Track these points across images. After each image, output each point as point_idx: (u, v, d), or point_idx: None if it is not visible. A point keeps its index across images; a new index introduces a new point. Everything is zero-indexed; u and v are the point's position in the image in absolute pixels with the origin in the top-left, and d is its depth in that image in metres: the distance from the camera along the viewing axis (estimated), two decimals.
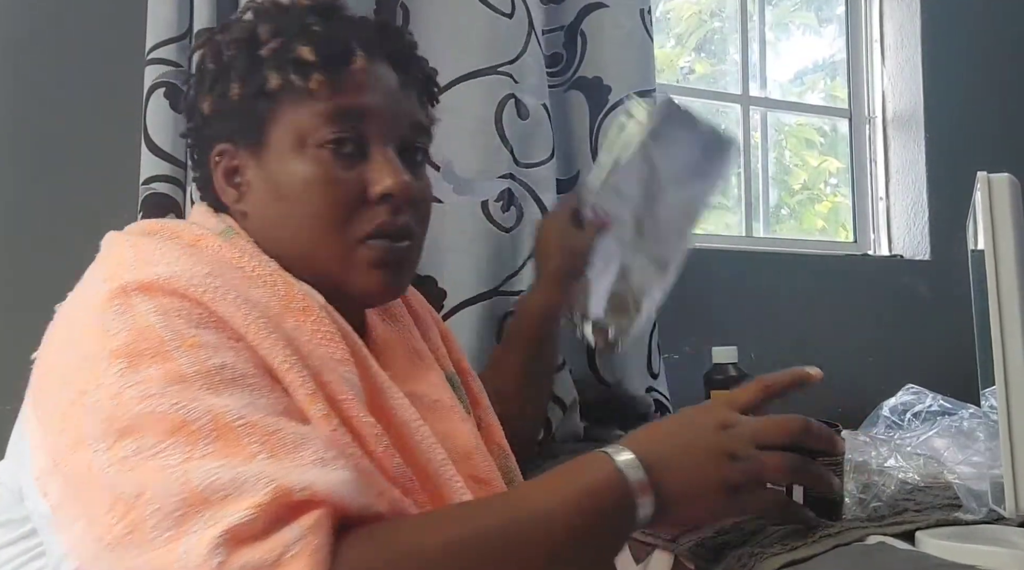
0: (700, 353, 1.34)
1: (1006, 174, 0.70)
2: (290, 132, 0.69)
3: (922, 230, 1.91)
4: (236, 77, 0.70)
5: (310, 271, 0.69)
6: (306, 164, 0.68)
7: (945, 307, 1.82)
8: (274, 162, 0.69)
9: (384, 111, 0.71)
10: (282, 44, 0.69)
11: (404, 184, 0.69)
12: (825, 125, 2.04)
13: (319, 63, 0.68)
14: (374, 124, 0.70)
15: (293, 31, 0.69)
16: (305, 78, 0.67)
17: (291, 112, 0.69)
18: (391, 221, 0.70)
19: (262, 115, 0.69)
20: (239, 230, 0.70)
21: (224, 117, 0.71)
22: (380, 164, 0.70)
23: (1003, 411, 0.67)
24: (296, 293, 0.65)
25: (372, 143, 0.70)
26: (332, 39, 0.69)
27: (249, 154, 0.71)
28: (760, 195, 1.90)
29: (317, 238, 0.69)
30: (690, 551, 0.73)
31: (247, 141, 0.70)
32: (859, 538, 0.71)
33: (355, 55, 0.69)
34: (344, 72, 0.69)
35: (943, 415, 1.15)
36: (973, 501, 0.79)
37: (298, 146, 0.68)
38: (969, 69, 1.97)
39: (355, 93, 0.69)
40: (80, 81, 1.19)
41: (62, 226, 1.16)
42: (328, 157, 0.68)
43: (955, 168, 1.89)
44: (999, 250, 0.67)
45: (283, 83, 0.68)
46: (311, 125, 0.68)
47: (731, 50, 1.91)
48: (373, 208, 0.69)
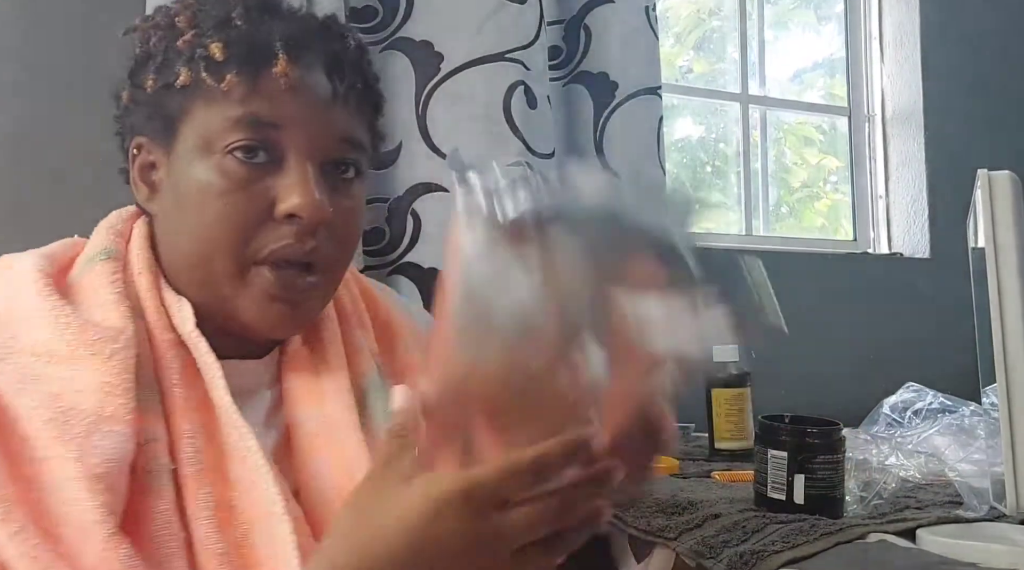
0: None
1: (1006, 171, 0.70)
2: (198, 133, 0.63)
3: (922, 228, 1.91)
4: (153, 68, 0.64)
5: (199, 288, 0.64)
6: (209, 170, 0.62)
7: (945, 305, 1.82)
8: (179, 164, 0.64)
9: (306, 122, 0.63)
10: (196, 37, 0.63)
11: (315, 204, 0.61)
12: (824, 123, 2.04)
13: (233, 62, 0.62)
14: (293, 135, 0.63)
15: (211, 24, 0.63)
16: (217, 78, 0.61)
17: (202, 112, 0.63)
18: (296, 245, 0.62)
19: (174, 111, 0.64)
20: (116, 252, 0.65)
21: (140, 109, 0.67)
22: (292, 179, 0.62)
23: (1004, 408, 0.67)
24: (92, 334, 0.57)
25: (289, 154, 0.63)
26: (252, 37, 0.63)
27: (162, 151, 0.66)
28: (760, 193, 1.90)
29: (209, 252, 0.62)
30: (691, 549, 0.73)
31: (160, 137, 0.65)
32: (860, 536, 0.71)
33: (276, 57, 0.62)
34: (262, 75, 0.62)
35: (944, 413, 1.14)
36: (974, 498, 0.79)
37: (204, 149, 0.62)
38: (968, 66, 1.97)
39: (272, 100, 0.62)
40: (79, 81, 1.19)
41: (61, 227, 1.15)
42: (233, 165, 0.62)
43: (955, 165, 1.89)
44: (999, 247, 0.67)
45: (194, 80, 0.62)
46: (219, 129, 0.62)
47: (730, 48, 1.91)
48: (278, 228, 0.62)
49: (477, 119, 1.17)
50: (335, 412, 0.65)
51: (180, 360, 0.61)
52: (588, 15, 1.37)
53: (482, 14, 1.19)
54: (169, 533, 0.55)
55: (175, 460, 0.58)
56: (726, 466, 1.06)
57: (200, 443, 0.59)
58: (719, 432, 1.16)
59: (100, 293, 0.62)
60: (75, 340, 0.57)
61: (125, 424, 0.55)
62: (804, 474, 0.78)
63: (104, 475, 0.53)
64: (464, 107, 1.16)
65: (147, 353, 0.60)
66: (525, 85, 1.20)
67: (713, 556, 0.71)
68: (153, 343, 0.61)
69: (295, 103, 0.63)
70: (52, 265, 0.64)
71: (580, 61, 1.37)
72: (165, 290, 0.65)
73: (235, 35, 0.63)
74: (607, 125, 1.35)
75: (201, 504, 0.56)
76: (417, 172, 1.17)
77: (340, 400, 0.66)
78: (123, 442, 0.54)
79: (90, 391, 0.55)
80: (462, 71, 1.17)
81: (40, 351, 0.57)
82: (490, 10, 1.19)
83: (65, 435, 0.53)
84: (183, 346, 0.62)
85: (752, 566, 0.67)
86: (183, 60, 0.63)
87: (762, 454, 0.81)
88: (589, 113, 1.36)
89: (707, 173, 1.96)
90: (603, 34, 1.36)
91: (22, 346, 0.58)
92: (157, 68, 0.64)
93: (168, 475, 0.57)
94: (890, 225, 1.96)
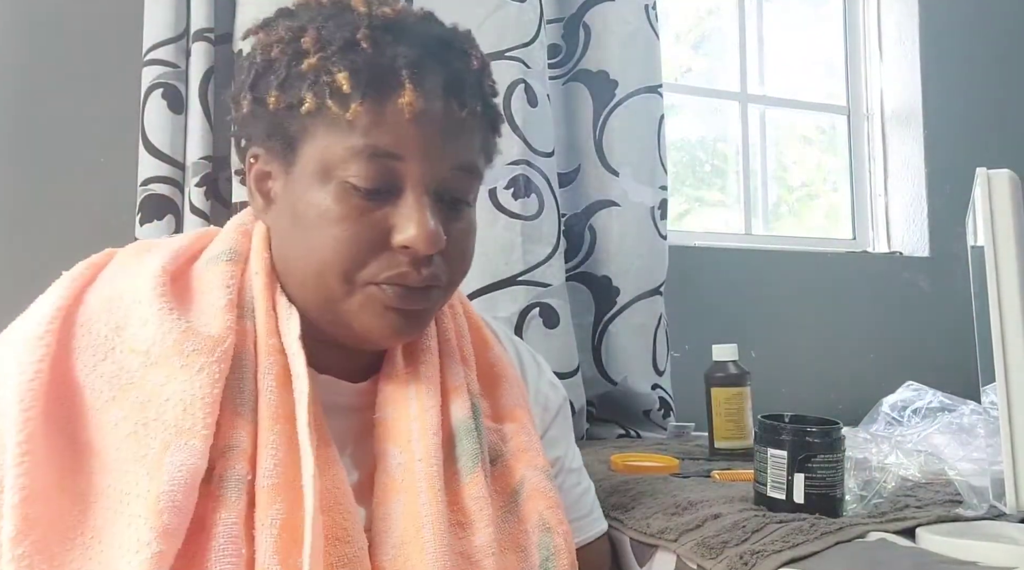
0: (700, 351, 1.34)
1: (1005, 170, 0.70)
2: (319, 158, 0.63)
3: (921, 226, 1.91)
4: (276, 84, 0.64)
5: (315, 304, 0.65)
6: (327, 196, 0.62)
7: (944, 303, 1.83)
8: (299, 184, 0.64)
9: (428, 152, 0.63)
10: (322, 62, 0.62)
11: (430, 237, 0.62)
12: (824, 122, 2.04)
13: (358, 92, 0.61)
14: (413, 165, 0.62)
15: (337, 47, 0.62)
16: (343, 107, 0.61)
17: (324, 137, 0.62)
18: (412, 273, 0.63)
19: (294, 133, 0.64)
20: (239, 253, 0.66)
21: (259, 122, 0.66)
22: (410, 210, 0.62)
23: (1003, 407, 0.67)
24: (189, 345, 0.58)
25: (408, 185, 0.63)
26: (378, 64, 0.62)
27: (280, 166, 0.66)
28: (759, 192, 1.90)
29: (325, 275, 0.63)
30: (692, 550, 0.73)
31: (279, 154, 0.65)
32: (860, 535, 0.71)
33: (403, 87, 0.61)
34: (389, 103, 0.61)
35: (943, 411, 1.14)
36: (974, 497, 0.79)
37: (323, 175, 0.62)
38: (967, 65, 1.97)
39: (398, 131, 0.61)
40: (78, 82, 1.19)
41: (61, 227, 1.15)
42: (352, 193, 0.62)
43: (954, 164, 1.89)
44: (999, 246, 0.67)
45: (319, 107, 0.62)
46: (341, 158, 0.62)
47: (729, 47, 1.91)
48: (395, 256, 0.63)
49: None
50: (418, 455, 0.64)
51: (279, 367, 0.62)
52: (588, 13, 1.37)
53: (482, 12, 1.19)
54: (233, 549, 0.54)
55: (253, 471, 0.57)
56: (726, 465, 1.06)
57: (280, 456, 0.58)
58: (719, 431, 1.16)
59: (213, 295, 0.63)
60: (173, 348, 0.58)
61: (202, 439, 0.55)
62: (804, 473, 0.78)
63: (170, 493, 0.53)
64: None
65: (251, 355, 0.62)
66: (526, 83, 1.20)
67: (713, 557, 0.71)
68: (258, 346, 0.62)
69: (417, 134, 0.62)
70: (176, 261, 0.65)
71: (580, 59, 1.38)
72: (279, 295, 0.65)
73: (361, 61, 0.62)
74: (607, 123, 1.35)
75: (268, 521, 0.55)
76: None
77: (425, 443, 0.65)
78: (197, 457, 0.55)
79: (175, 401, 0.56)
80: None
81: (140, 348, 0.58)
82: (490, 8, 1.19)
83: (141, 451, 0.54)
84: (284, 354, 0.63)
85: (752, 566, 0.67)
86: (308, 85, 0.62)
87: (762, 453, 0.81)
88: (589, 111, 1.36)
89: (706, 172, 1.96)
90: (603, 32, 1.36)
91: (124, 339, 0.59)
92: (280, 85, 0.63)
93: (243, 486, 0.56)
94: (889, 224, 1.96)
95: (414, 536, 0.60)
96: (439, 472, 0.64)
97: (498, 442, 0.71)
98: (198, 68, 1.12)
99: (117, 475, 0.54)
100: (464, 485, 0.65)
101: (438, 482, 0.63)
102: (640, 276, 1.36)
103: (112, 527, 0.52)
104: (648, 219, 1.38)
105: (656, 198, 1.39)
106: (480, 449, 0.67)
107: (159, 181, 1.10)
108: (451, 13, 1.21)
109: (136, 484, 0.53)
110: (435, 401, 0.67)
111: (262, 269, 0.66)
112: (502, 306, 1.18)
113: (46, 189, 1.17)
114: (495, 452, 0.70)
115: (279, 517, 0.56)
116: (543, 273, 1.21)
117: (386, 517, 0.63)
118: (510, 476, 0.70)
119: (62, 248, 0.73)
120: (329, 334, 0.66)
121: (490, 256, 1.18)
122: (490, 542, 0.63)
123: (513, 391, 0.75)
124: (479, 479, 0.66)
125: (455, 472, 0.66)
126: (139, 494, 0.53)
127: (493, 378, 0.75)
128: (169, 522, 0.52)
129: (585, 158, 1.37)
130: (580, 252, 1.37)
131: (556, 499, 0.70)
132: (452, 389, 0.69)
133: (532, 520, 0.68)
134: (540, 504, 0.68)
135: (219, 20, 1.15)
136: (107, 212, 1.16)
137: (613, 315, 1.36)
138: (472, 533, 0.64)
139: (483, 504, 0.65)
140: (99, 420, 0.56)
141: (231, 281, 0.64)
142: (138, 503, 0.52)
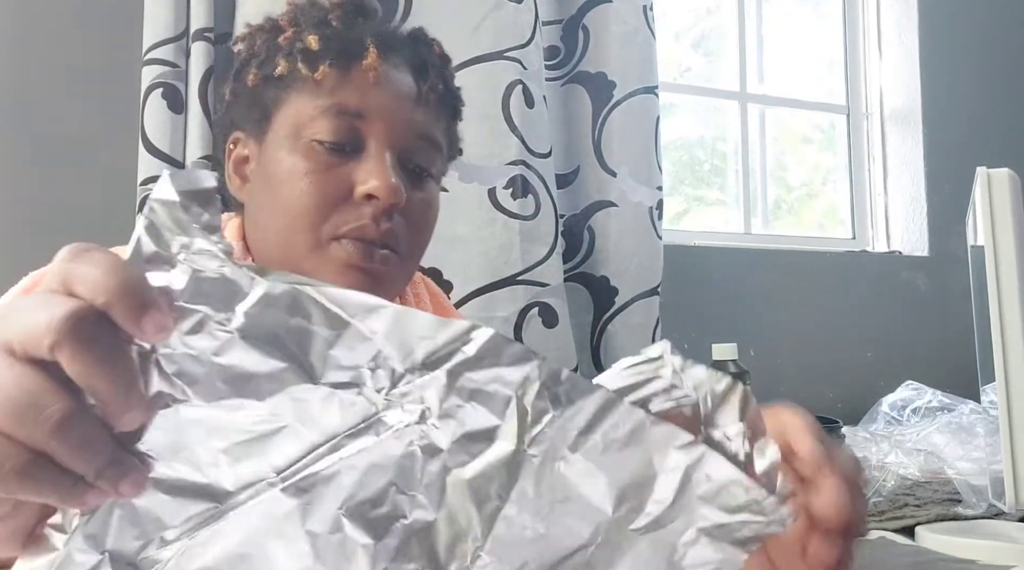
0: (700, 350, 1.34)
1: (1005, 169, 0.70)
2: (290, 121, 0.68)
3: (921, 226, 1.91)
4: (256, 64, 0.70)
5: (281, 265, 0.68)
6: (296, 155, 0.67)
7: (944, 303, 1.83)
8: (270, 150, 0.69)
9: (389, 115, 0.68)
10: (295, 34, 0.69)
11: (391, 188, 0.65)
12: (823, 121, 2.04)
13: (327, 54, 0.67)
14: (375, 125, 0.67)
15: (310, 22, 0.69)
16: (312, 68, 0.66)
17: (295, 100, 0.68)
18: (372, 225, 0.66)
19: (269, 101, 0.69)
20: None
21: (239, 103, 0.72)
22: (372, 164, 0.67)
23: (1003, 406, 0.67)
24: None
25: (371, 143, 0.68)
26: (347, 35, 0.68)
27: (255, 142, 0.71)
28: (759, 192, 1.91)
29: (291, 231, 0.67)
30: None
31: (255, 128, 0.70)
32: None
33: (367, 51, 0.67)
34: (352, 68, 0.67)
35: (943, 411, 1.15)
36: (973, 496, 0.79)
37: (293, 136, 0.67)
38: (967, 63, 1.97)
39: (362, 91, 0.67)
40: (78, 82, 1.19)
41: (61, 227, 1.15)
42: (319, 150, 0.67)
43: (954, 163, 1.89)
44: (999, 245, 0.67)
45: (290, 70, 0.67)
46: (309, 117, 0.67)
47: (728, 46, 1.91)
48: (357, 208, 0.66)
49: (476, 118, 1.17)
50: None
51: None
52: (586, 15, 1.37)
53: (480, 13, 1.19)
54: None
55: None
56: None
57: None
58: None
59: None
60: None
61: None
62: None
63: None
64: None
65: None
66: (523, 84, 1.20)
67: None
68: None
69: (380, 96, 0.68)
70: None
71: (579, 61, 1.38)
72: None
73: (331, 32, 0.68)
74: (605, 124, 1.36)
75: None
76: None
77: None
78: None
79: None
80: (460, 70, 1.17)
81: None
82: (488, 9, 1.19)
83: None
84: None
85: None
86: (282, 55, 0.68)
87: None
88: (588, 112, 1.37)
89: (705, 171, 1.96)
90: (601, 34, 1.36)
91: None
92: (260, 64, 0.70)
93: None
94: (889, 223, 1.96)
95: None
96: None
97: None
98: (198, 68, 1.12)
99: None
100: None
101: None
102: (638, 276, 1.37)
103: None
104: (646, 219, 1.38)
105: (654, 198, 1.39)
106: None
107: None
108: (449, 13, 1.22)
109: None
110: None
111: (236, 253, 0.69)
112: (502, 305, 1.18)
113: (46, 188, 1.17)
114: None
115: None
116: (542, 273, 1.21)
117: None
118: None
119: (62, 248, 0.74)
120: None
121: (489, 256, 1.18)
122: None
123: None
124: None
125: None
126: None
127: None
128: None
129: (584, 159, 1.37)
130: (579, 252, 1.37)
131: None
132: None
133: None
134: None
135: (219, 20, 1.15)
136: (107, 212, 1.16)
137: (612, 315, 1.36)
138: None
139: None
140: None
141: None
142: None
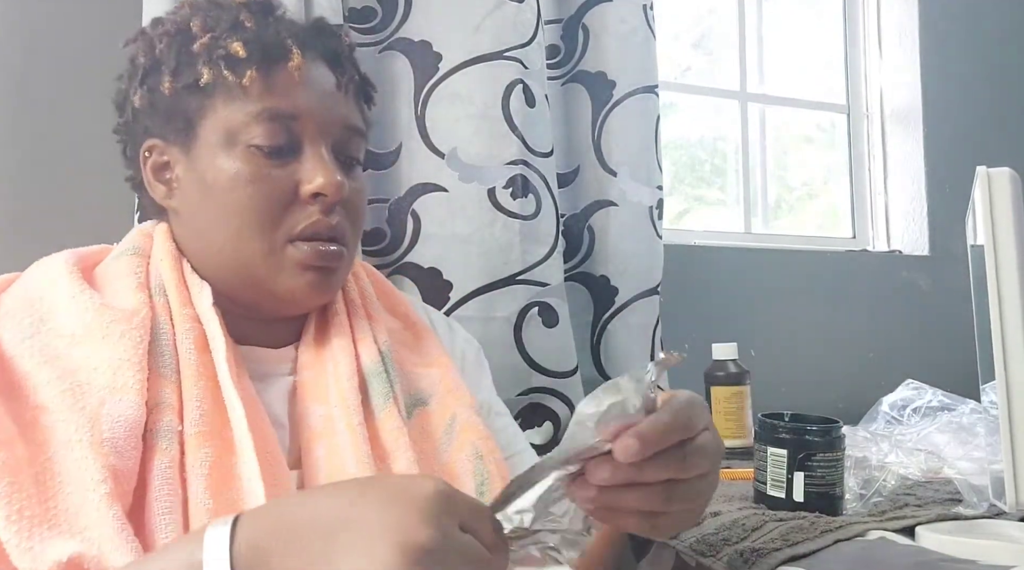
0: (700, 350, 1.34)
1: (1005, 168, 0.70)
2: (220, 128, 0.68)
3: (921, 225, 1.91)
4: (167, 71, 0.69)
5: (233, 271, 0.69)
6: (235, 161, 0.67)
7: (944, 302, 1.83)
8: (204, 158, 0.69)
9: (319, 112, 0.69)
10: (213, 39, 0.68)
11: (337, 184, 0.68)
12: (823, 121, 2.04)
13: (252, 60, 0.67)
14: (309, 124, 0.69)
15: (225, 27, 0.69)
16: (238, 75, 0.67)
17: (223, 108, 0.68)
18: (323, 221, 0.68)
19: (193, 110, 0.69)
20: (142, 249, 0.71)
21: (155, 111, 0.71)
22: (313, 163, 0.68)
23: (1003, 406, 0.67)
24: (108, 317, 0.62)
25: (306, 142, 0.69)
26: (266, 36, 0.69)
27: (179, 149, 0.70)
28: (759, 191, 1.91)
29: (244, 236, 0.67)
30: (691, 547, 0.74)
31: (177, 136, 0.70)
32: (860, 533, 0.72)
33: (291, 52, 0.68)
34: (279, 70, 0.68)
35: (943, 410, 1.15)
36: (973, 496, 0.79)
37: (227, 143, 0.68)
38: (967, 63, 1.97)
39: (290, 93, 0.68)
40: (77, 82, 1.19)
41: (60, 226, 1.15)
42: (258, 155, 0.67)
43: (954, 163, 1.89)
44: (999, 245, 0.67)
45: (215, 78, 0.67)
46: (242, 123, 0.67)
47: (729, 46, 1.91)
48: (304, 207, 0.68)
49: (476, 118, 1.17)
50: (335, 404, 0.69)
51: (196, 333, 0.66)
52: (587, 14, 1.37)
53: (480, 13, 1.19)
54: (169, 490, 0.58)
55: (182, 423, 0.61)
56: (726, 464, 1.06)
57: (206, 407, 0.62)
58: (719, 430, 1.16)
59: (122, 281, 0.67)
60: (93, 322, 0.62)
61: (135, 393, 0.59)
62: (803, 472, 0.78)
63: (111, 439, 0.57)
64: (463, 106, 1.16)
65: (168, 326, 0.66)
66: (524, 84, 1.20)
67: (713, 554, 0.71)
68: (173, 317, 0.66)
69: (308, 94, 0.69)
70: (82, 261, 0.70)
71: (579, 60, 1.37)
72: (189, 274, 0.70)
73: (250, 35, 0.68)
74: (605, 124, 1.35)
75: (197, 463, 0.60)
76: (417, 172, 1.17)
77: (341, 393, 0.69)
78: (133, 409, 0.59)
79: (104, 367, 0.60)
80: (461, 70, 1.17)
81: (64, 333, 0.62)
82: (488, 9, 1.19)
83: (79, 404, 0.58)
84: (199, 321, 0.67)
85: (752, 564, 0.67)
86: (203, 62, 0.68)
87: (761, 452, 0.81)
88: (588, 112, 1.36)
89: (706, 171, 1.96)
90: (601, 33, 1.36)
91: (49, 328, 0.63)
92: (173, 72, 0.69)
93: (175, 436, 0.60)
94: (889, 222, 1.96)
95: (340, 473, 0.64)
96: (357, 412, 0.68)
97: (427, 386, 0.75)
98: None
99: (62, 425, 0.57)
100: (379, 420, 0.69)
101: (356, 419, 0.67)
102: (638, 276, 1.36)
103: (70, 469, 0.56)
104: (646, 219, 1.38)
105: (653, 198, 1.39)
106: (390, 389, 0.71)
107: None
108: (450, 13, 1.22)
109: (76, 431, 0.57)
110: (348, 355, 0.72)
111: (167, 256, 0.70)
112: (501, 305, 1.18)
113: (45, 188, 1.17)
114: (425, 394, 0.75)
115: (208, 460, 0.60)
116: (542, 272, 1.21)
117: (312, 464, 0.66)
118: (442, 414, 0.74)
119: (61, 247, 0.73)
120: (247, 303, 0.70)
121: (489, 255, 1.18)
122: (410, 465, 0.66)
123: (434, 341, 0.81)
124: (392, 412, 0.69)
125: (370, 412, 0.70)
126: (80, 439, 0.56)
127: (416, 332, 0.81)
128: (115, 463, 0.56)
129: (584, 159, 1.37)
130: (579, 252, 1.37)
131: (486, 432, 0.73)
132: (359, 340, 0.74)
133: (466, 450, 0.71)
134: (471, 435, 0.72)
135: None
136: (107, 211, 1.16)
137: (612, 315, 1.36)
138: (393, 462, 0.67)
139: (398, 434, 0.68)
140: (35, 381, 0.59)
141: (138, 269, 0.68)
142: (80, 448, 0.56)
